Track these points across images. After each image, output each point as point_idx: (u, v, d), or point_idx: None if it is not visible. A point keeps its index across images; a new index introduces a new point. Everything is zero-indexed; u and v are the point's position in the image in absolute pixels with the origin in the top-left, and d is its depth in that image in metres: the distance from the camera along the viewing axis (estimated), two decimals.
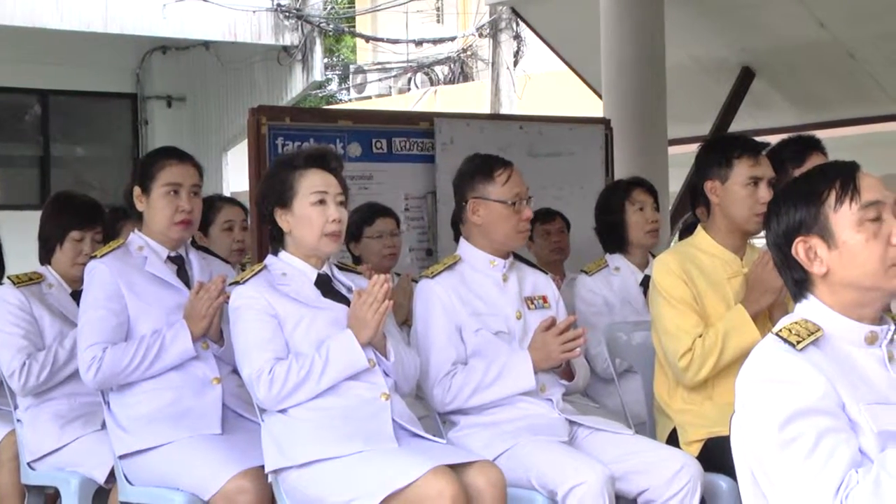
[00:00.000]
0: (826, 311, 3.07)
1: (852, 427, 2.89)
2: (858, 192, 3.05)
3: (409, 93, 24.41)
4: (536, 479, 4.41)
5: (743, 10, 11.25)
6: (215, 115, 15.91)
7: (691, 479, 4.42)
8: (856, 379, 2.97)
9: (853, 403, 2.91)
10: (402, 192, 7.96)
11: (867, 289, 3.03)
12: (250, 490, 4.45)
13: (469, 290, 4.80)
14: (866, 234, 3.02)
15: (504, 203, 4.77)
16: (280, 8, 15.64)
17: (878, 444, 2.87)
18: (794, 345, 2.97)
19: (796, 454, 2.86)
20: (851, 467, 2.83)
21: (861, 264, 3.02)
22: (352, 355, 4.34)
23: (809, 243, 3.07)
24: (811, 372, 2.92)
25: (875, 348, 3.05)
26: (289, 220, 4.48)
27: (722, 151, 4.92)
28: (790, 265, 3.13)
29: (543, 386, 4.71)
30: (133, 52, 15.96)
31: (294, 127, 8.53)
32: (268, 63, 15.81)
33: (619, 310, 5.97)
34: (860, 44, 11.27)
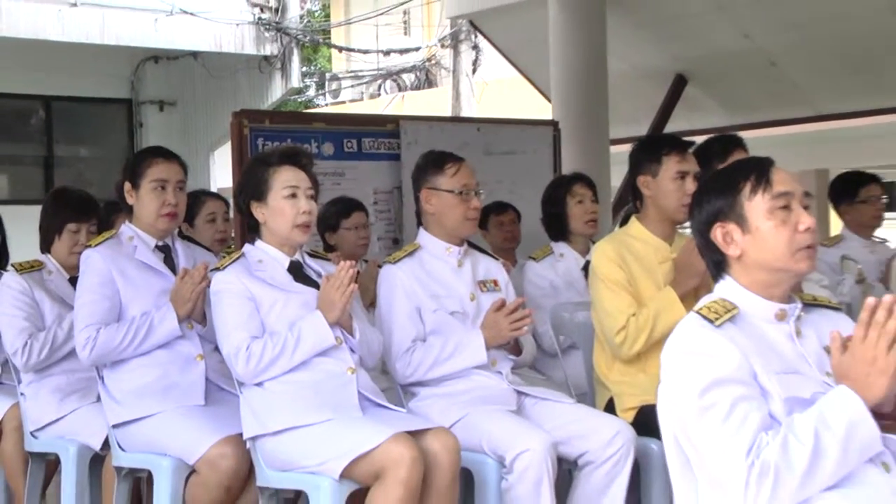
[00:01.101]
0: (741, 290, 3.12)
1: (763, 394, 2.94)
2: (770, 184, 3.10)
3: (379, 98, 24.38)
4: (487, 445, 4.43)
5: (676, 23, 11.29)
6: (203, 119, 15.86)
7: (625, 442, 4.45)
8: (767, 351, 3.01)
9: (764, 373, 2.95)
10: (371, 188, 7.98)
11: (777, 270, 3.08)
12: (231, 455, 4.45)
13: (427, 275, 4.81)
14: (776, 221, 3.07)
15: (452, 192, 4.78)
16: (261, 21, 15.61)
17: (785, 409, 2.92)
18: (713, 321, 3.01)
19: (713, 419, 2.89)
20: (762, 430, 2.86)
21: (771, 248, 3.06)
22: (321, 334, 4.35)
23: (727, 229, 3.12)
24: (727, 345, 2.96)
25: (784, 324, 3.10)
26: (264, 212, 4.49)
27: (653, 149, 4.95)
28: (710, 248, 3.18)
29: (494, 360, 4.72)
30: (128, 61, 15.90)
31: (273, 129, 8.53)
32: (250, 71, 15.78)
33: (563, 292, 5.97)
34: (781, 52, 11.31)
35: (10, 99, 15.40)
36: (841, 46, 10.95)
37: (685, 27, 11.33)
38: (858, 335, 2.85)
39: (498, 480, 4.39)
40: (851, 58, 11.09)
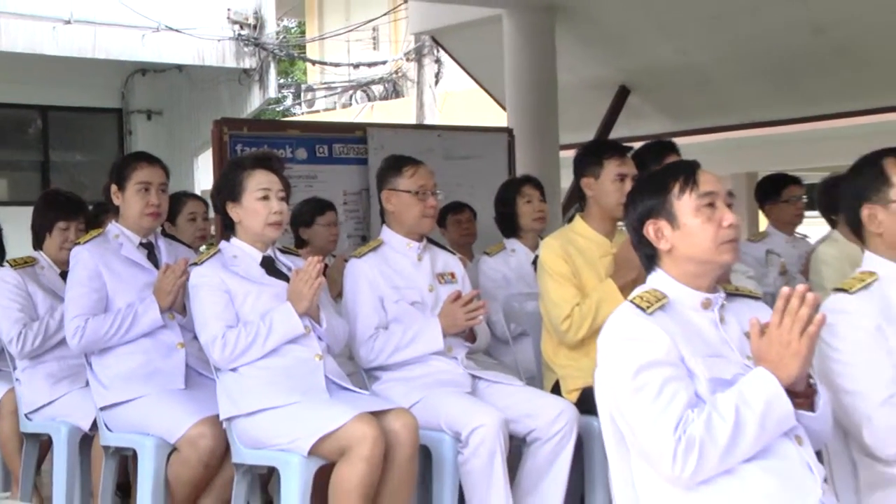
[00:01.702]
0: (671, 281, 3.13)
1: (690, 375, 2.95)
2: (697, 185, 3.11)
3: (350, 107, 24.31)
4: (444, 423, 4.44)
5: (620, 39, 11.31)
6: (187, 127, 15.81)
7: (569, 420, 4.47)
8: (693, 337, 3.02)
9: (691, 356, 2.96)
10: (341, 189, 8.01)
11: (703, 262, 3.09)
12: (209, 434, 4.46)
13: (390, 268, 4.81)
14: (702, 218, 3.08)
15: (410, 192, 4.78)
16: (240, 37, 15.59)
17: (709, 389, 2.93)
18: (645, 309, 3.02)
19: (645, 398, 2.90)
20: (688, 408, 2.88)
21: (698, 242, 3.08)
22: (290, 323, 4.35)
23: (658, 225, 3.13)
24: (658, 331, 2.97)
25: (709, 312, 3.11)
26: (238, 212, 4.49)
27: (594, 154, 4.97)
28: (643, 243, 3.20)
29: (450, 347, 4.72)
30: (118, 73, 15.84)
31: (251, 136, 8.57)
32: (230, 83, 15.75)
33: (514, 284, 5.99)
34: (714, 66, 11.34)
35: (9, 109, 15.33)
36: (768, 61, 11.00)
37: (628, 43, 11.35)
38: (774, 321, 2.87)
39: (454, 455, 4.40)
40: (777, 71, 11.14)
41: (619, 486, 3.11)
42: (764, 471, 2.88)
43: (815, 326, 2.85)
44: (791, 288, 2.88)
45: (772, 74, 11.25)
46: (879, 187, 3.39)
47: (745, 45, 10.83)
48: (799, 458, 2.93)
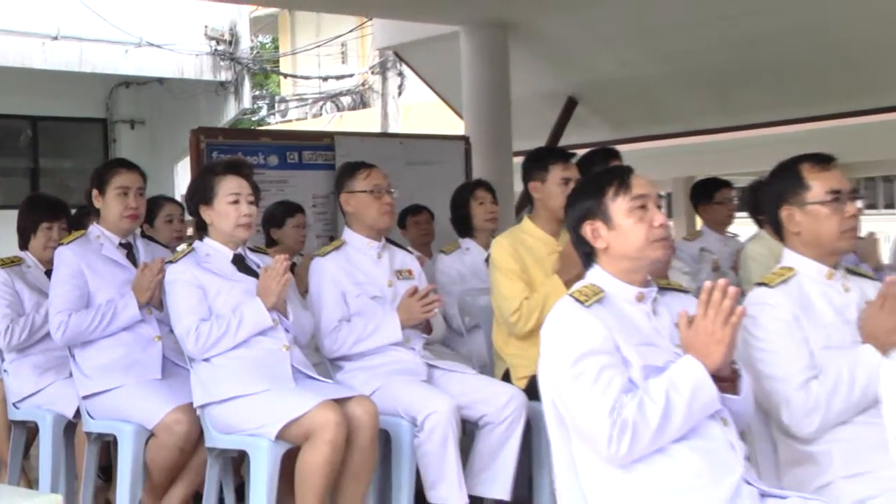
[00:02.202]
0: (607, 276, 3.14)
1: (624, 363, 2.97)
2: (630, 188, 3.13)
3: (321, 117, 24.33)
4: (402, 409, 4.44)
5: (568, 54, 11.34)
6: (168, 135, 15.71)
7: (518, 406, 4.48)
8: (628, 327, 3.04)
9: (625, 345, 2.98)
10: (311, 193, 7.99)
11: (635, 259, 3.11)
12: (184, 421, 4.44)
13: (351, 265, 4.81)
14: (634, 219, 3.10)
15: (366, 192, 4.79)
16: (217, 52, 15.55)
17: (642, 375, 2.95)
18: (583, 302, 3.03)
19: (583, 384, 2.92)
20: (623, 393, 2.90)
21: (631, 241, 3.10)
22: (259, 317, 4.34)
23: (594, 225, 3.15)
24: (595, 322, 2.99)
25: (643, 305, 3.13)
26: (210, 215, 4.48)
27: (541, 160, 5.00)
28: (581, 242, 3.21)
29: (408, 338, 4.72)
30: (103, 86, 15.74)
31: (226, 143, 8.55)
32: (208, 94, 15.70)
33: (469, 280, 5.99)
34: (655, 79, 11.39)
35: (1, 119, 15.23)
36: (703, 74, 11.08)
37: (575, 58, 11.40)
38: (700, 313, 2.90)
39: (411, 439, 4.41)
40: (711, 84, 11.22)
41: (560, 466, 3.12)
42: (692, 450, 2.90)
43: (736, 317, 2.89)
44: (713, 281, 2.91)
45: (706, 87, 11.34)
46: (797, 190, 3.43)
47: (682, 60, 10.90)
48: (723, 438, 2.96)
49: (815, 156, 3.47)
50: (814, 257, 3.45)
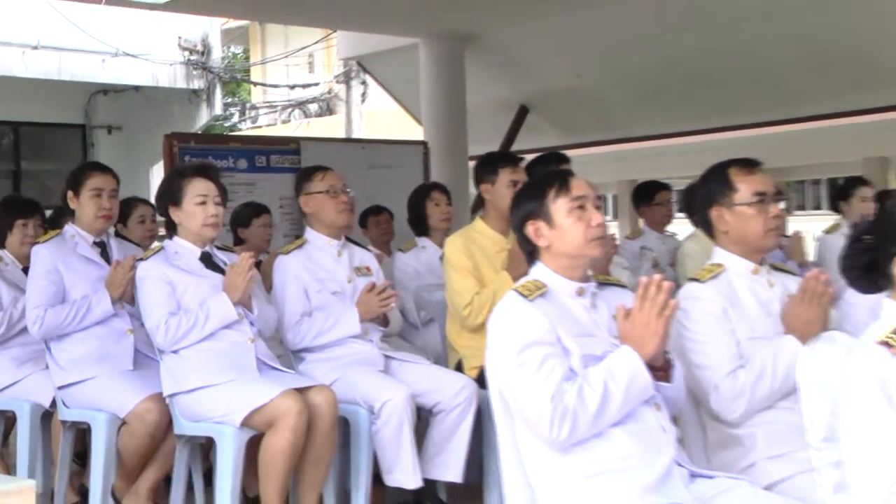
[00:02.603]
0: (549, 273, 3.14)
1: (565, 353, 2.96)
2: (569, 190, 3.14)
3: (289, 123, 24.18)
4: (360, 397, 4.44)
5: (521, 65, 11.38)
6: (143, 140, 15.57)
7: (470, 394, 4.49)
8: (569, 320, 3.04)
9: (566, 336, 2.98)
10: (278, 195, 7.95)
11: (575, 256, 3.12)
12: (154, 409, 4.43)
13: (313, 262, 4.80)
14: (574, 218, 3.10)
15: (322, 192, 4.78)
16: (190, 61, 15.50)
17: (582, 364, 2.95)
18: (527, 297, 3.03)
19: (527, 372, 2.92)
20: (564, 380, 2.90)
21: (570, 239, 3.10)
22: (225, 311, 4.33)
23: (537, 225, 3.15)
24: (538, 315, 2.99)
25: (582, 299, 3.13)
26: (179, 215, 4.46)
27: (491, 163, 5.01)
28: (525, 241, 3.21)
29: (367, 331, 4.71)
30: (82, 93, 15.62)
31: (197, 148, 8.54)
32: (181, 102, 15.63)
33: (425, 276, 5.98)
34: (603, 88, 11.46)
35: None
36: (647, 85, 11.14)
37: (527, 68, 11.44)
38: (636, 306, 2.92)
39: (369, 425, 4.41)
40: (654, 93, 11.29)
41: (506, 450, 3.12)
42: (627, 434, 2.92)
43: (669, 310, 2.91)
44: (649, 277, 2.94)
45: (648, 97, 11.41)
46: (726, 192, 3.46)
47: (626, 72, 10.97)
48: (656, 423, 2.98)
49: (742, 160, 3.51)
50: (741, 254, 3.48)
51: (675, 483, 2.91)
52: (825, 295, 3.32)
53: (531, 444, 2.99)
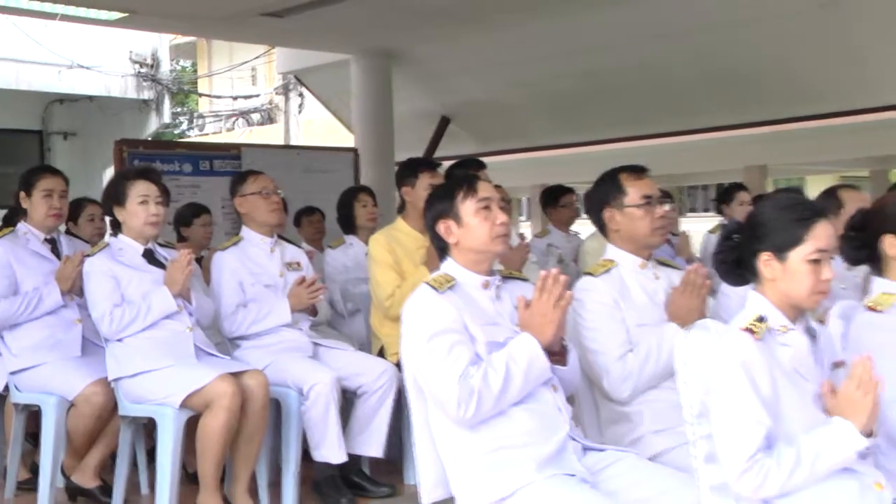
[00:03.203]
0: (458, 267, 3.14)
1: (472, 340, 2.95)
2: (476, 192, 3.14)
3: (233, 131, 23.99)
4: (290, 381, 4.43)
5: (442, 80, 11.42)
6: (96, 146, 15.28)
7: (390, 377, 4.51)
8: (475, 310, 3.04)
9: (472, 325, 2.98)
10: (220, 197, 7.83)
11: (481, 252, 3.12)
12: (100, 392, 4.38)
13: (248, 258, 4.77)
14: (480, 218, 3.10)
15: (255, 194, 4.75)
16: (140, 74, 15.31)
17: (487, 350, 2.95)
18: (437, 289, 3.02)
19: (436, 357, 2.91)
20: (470, 364, 2.89)
21: (477, 236, 3.10)
22: (166, 303, 4.28)
23: (447, 224, 3.14)
24: (447, 306, 2.98)
25: (488, 291, 3.13)
26: (123, 214, 4.40)
27: (412, 168, 5.01)
28: (437, 238, 3.20)
29: (297, 320, 4.70)
30: (39, 102, 15.30)
31: (146, 153, 8.48)
32: (132, 111, 15.40)
33: (352, 271, 5.99)
34: (514, 102, 11.54)
35: None
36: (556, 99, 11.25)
37: (448, 82, 11.48)
38: (535, 297, 2.93)
39: (298, 406, 4.40)
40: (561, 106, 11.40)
41: (418, 427, 3.11)
42: (527, 412, 2.93)
43: (564, 301, 2.92)
44: (547, 271, 2.95)
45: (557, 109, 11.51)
46: (616, 195, 3.50)
47: (537, 87, 11.06)
48: (553, 402, 2.99)
49: (631, 167, 3.55)
50: (631, 251, 3.52)
51: (570, 456, 2.93)
52: (704, 287, 3.38)
53: (441, 421, 2.99)
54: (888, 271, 3.02)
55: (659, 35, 9.44)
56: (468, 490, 2.93)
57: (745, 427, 2.51)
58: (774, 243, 2.65)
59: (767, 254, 2.66)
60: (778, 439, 2.54)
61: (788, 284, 2.64)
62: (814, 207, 2.71)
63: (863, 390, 2.51)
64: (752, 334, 2.57)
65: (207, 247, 6.40)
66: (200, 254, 5.97)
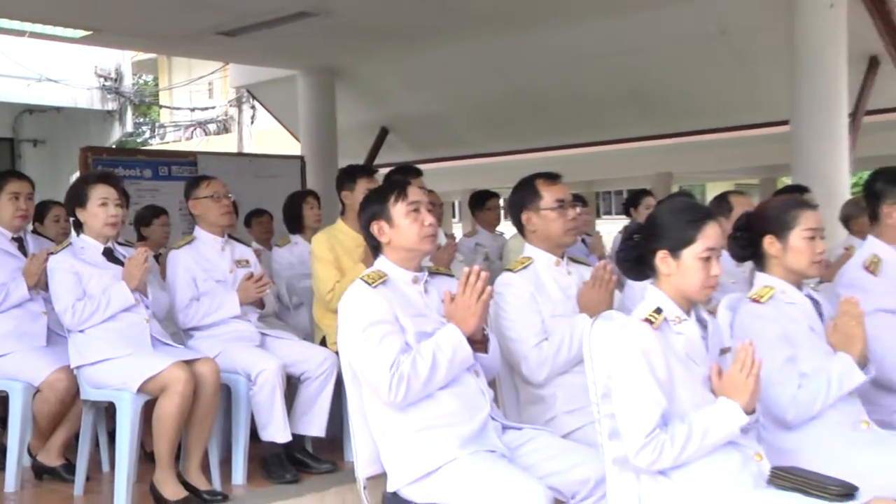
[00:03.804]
0: (390, 264, 3.13)
1: (402, 330, 2.96)
2: (407, 196, 3.13)
3: (192, 140, 23.75)
4: (239, 367, 4.37)
5: (382, 95, 11.44)
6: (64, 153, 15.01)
7: (331, 364, 4.45)
8: (405, 303, 3.04)
9: (403, 316, 2.98)
10: (178, 199, 7.73)
11: (410, 250, 3.11)
12: (64, 379, 4.29)
13: (201, 256, 4.68)
14: (410, 220, 3.10)
15: (207, 198, 4.69)
16: (104, 87, 15.12)
17: (416, 339, 2.96)
18: (371, 284, 3.01)
19: (370, 346, 2.92)
20: (400, 353, 2.90)
21: (407, 236, 3.10)
22: (124, 296, 4.19)
23: (380, 224, 3.13)
24: (379, 299, 2.98)
25: (417, 286, 3.13)
26: (84, 215, 4.30)
27: (351, 174, 4.97)
28: (371, 237, 3.18)
29: (246, 312, 4.61)
30: (10, 112, 14.99)
31: (109, 159, 8.42)
32: (97, 121, 15.20)
33: (297, 267, 5.91)
34: (449, 114, 11.59)
35: None
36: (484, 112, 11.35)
37: (387, 96, 11.50)
38: (459, 292, 2.95)
39: (247, 391, 4.35)
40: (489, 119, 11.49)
41: (354, 409, 3.11)
42: (451, 395, 2.95)
43: (486, 295, 2.94)
44: (471, 268, 2.96)
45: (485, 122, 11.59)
46: (533, 199, 3.52)
47: (467, 101, 11.13)
48: (476, 386, 3.01)
49: (546, 174, 3.56)
50: (546, 249, 3.54)
51: (490, 434, 2.95)
52: (611, 282, 3.41)
53: (374, 404, 3.00)
54: (769, 267, 3.08)
55: (578, 57, 9.56)
56: (399, 465, 2.94)
57: (644, 407, 2.55)
58: (670, 242, 2.69)
59: (664, 252, 2.70)
60: (672, 417, 2.59)
61: (682, 279, 2.68)
62: (704, 210, 2.76)
63: (745, 373, 2.57)
64: (651, 324, 2.60)
65: (165, 245, 6.33)
66: (159, 251, 5.90)
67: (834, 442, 2.86)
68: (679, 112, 10.47)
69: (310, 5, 8.09)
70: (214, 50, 10.29)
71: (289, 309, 5.68)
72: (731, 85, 9.68)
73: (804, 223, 3.03)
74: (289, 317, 5.65)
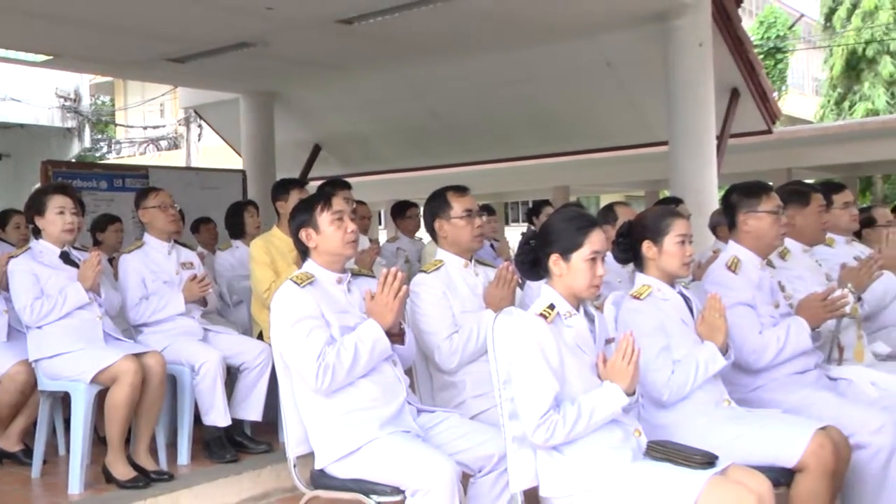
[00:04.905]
0: (317, 267, 3.08)
1: (328, 325, 2.92)
2: (331, 205, 3.09)
3: (145, 154, 23.23)
4: (184, 359, 4.28)
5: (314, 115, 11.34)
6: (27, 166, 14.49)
7: (267, 356, 4.37)
8: (330, 301, 3.00)
9: (328, 313, 2.94)
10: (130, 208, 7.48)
11: (335, 254, 3.07)
12: (23, 371, 4.18)
13: (149, 259, 4.57)
14: (335, 227, 3.06)
15: (155, 207, 4.58)
16: (64, 106, 14.74)
17: (340, 333, 2.92)
18: (299, 284, 2.97)
19: (298, 339, 2.87)
20: (326, 345, 2.87)
21: (332, 242, 3.05)
22: (79, 296, 4.08)
23: (308, 232, 3.09)
24: (307, 298, 2.93)
25: (341, 285, 3.09)
26: (42, 223, 4.17)
27: (284, 186, 4.93)
28: (300, 244, 3.13)
29: (190, 310, 4.53)
30: None
31: (68, 172, 8.26)
32: (58, 137, 14.81)
33: (237, 269, 5.77)
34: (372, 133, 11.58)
35: None
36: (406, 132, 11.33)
37: (319, 117, 11.41)
38: (378, 290, 2.92)
39: (191, 381, 4.27)
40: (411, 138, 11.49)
41: (285, 396, 3.07)
42: (372, 382, 2.93)
43: (402, 293, 2.92)
44: (388, 269, 2.94)
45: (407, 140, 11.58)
46: (444, 209, 3.51)
47: (391, 122, 11.10)
48: (393, 374, 2.99)
49: (456, 187, 3.56)
50: (456, 253, 3.53)
51: (406, 417, 2.94)
52: (513, 281, 3.42)
53: (303, 391, 2.96)
54: (646, 268, 3.13)
55: (487, 84, 9.62)
56: (325, 445, 2.91)
57: (539, 391, 2.56)
58: (561, 247, 2.71)
59: (556, 255, 2.72)
60: (564, 400, 2.60)
61: (572, 279, 2.70)
62: (590, 219, 2.79)
63: (626, 360, 2.60)
64: (545, 319, 2.62)
65: (119, 250, 6.16)
66: (113, 255, 5.74)
67: (700, 418, 2.92)
68: (575, 133, 10.61)
69: (250, 37, 8.00)
70: (165, 74, 10.09)
71: (229, 306, 5.58)
72: (618, 110, 9.85)
73: (676, 230, 3.08)
74: (229, 313, 5.56)
